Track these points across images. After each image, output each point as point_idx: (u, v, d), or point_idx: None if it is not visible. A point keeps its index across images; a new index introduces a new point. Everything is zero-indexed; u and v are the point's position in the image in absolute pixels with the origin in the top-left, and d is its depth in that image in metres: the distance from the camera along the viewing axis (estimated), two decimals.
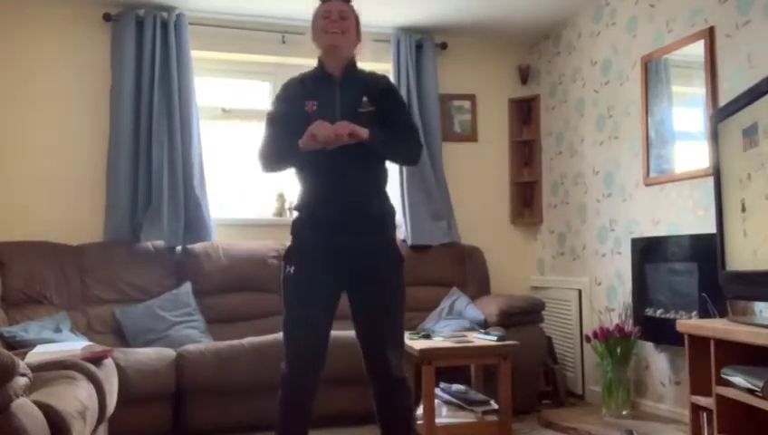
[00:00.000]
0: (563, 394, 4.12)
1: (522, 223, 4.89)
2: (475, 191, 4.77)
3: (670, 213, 3.52)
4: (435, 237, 4.45)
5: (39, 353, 2.55)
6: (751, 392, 2.26)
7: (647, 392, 3.66)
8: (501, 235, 4.83)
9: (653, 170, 3.67)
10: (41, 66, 4.05)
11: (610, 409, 3.54)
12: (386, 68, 4.60)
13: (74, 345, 2.72)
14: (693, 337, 2.69)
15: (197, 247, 4.05)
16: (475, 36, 4.78)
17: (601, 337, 3.57)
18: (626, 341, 3.53)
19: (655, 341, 3.53)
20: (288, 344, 2.26)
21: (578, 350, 4.24)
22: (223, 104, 4.48)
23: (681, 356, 3.15)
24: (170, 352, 3.38)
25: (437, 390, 3.43)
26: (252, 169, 4.47)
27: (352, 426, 3.41)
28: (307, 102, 2.30)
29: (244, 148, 4.49)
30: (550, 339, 4.27)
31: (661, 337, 3.42)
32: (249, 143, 4.50)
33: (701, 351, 2.61)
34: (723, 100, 3.09)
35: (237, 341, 3.48)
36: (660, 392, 3.56)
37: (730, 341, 2.41)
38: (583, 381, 4.20)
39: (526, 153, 4.88)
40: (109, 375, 2.60)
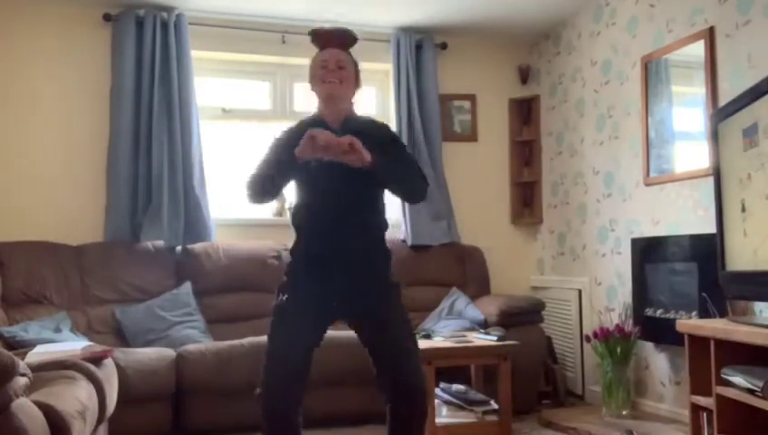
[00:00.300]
0: (563, 394, 4.12)
1: (522, 223, 4.89)
2: (475, 191, 4.77)
3: (670, 213, 3.52)
4: (435, 237, 4.44)
5: (39, 353, 2.55)
6: (751, 392, 2.26)
7: (647, 392, 3.66)
8: (501, 235, 4.83)
9: (653, 170, 3.67)
10: (41, 66, 4.05)
11: (610, 409, 3.54)
12: (386, 68, 4.61)
13: (74, 345, 2.72)
14: (693, 337, 2.69)
15: (197, 247, 4.05)
16: (475, 36, 4.78)
17: (601, 337, 3.57)
18: (626, 341, 3.53)
19: (655, 341, 3.53)
20: (268, 369, 2.11)
21: (578, 350, 4.24)
22: (223, 104, 4.48)
23: (681, 356, 3.15)
24: (170, 352, 3.38)
25: (437, 390, 3.44)
26: (252, 169, 4.48)
27: (352, 426, 3.41)
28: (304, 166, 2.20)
29: (244, 148, 4.49)
30: (550, 339, 4.28)
31: (661, 337, 3.42)
32: (249, 143, 4.51)
33: (701, 351, 2.61)
34: (723, 100, 3.09)
35: (237, 341, 3.48)
36: (660, 392, 3.56)
37: (730, 341, 2.41)
38: (583, 381, 4.20)
39: (526, 153, 4.88)
40: (109, 375, 2.60)
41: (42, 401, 1.85)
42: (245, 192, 2.29)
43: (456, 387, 3.48)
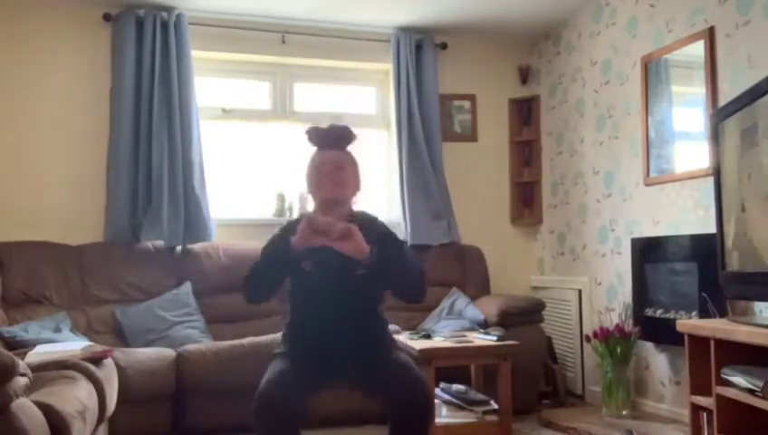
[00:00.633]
0: (563, 394, 4.11)
1: (522, 223, 4.89)
2: (475, 191, 4.77)
3: (670, 213, 3.52)
4: (434, 237, 4.44)
5: (39, 353, 2.55)
6: (751, 392, 2.26)
7: (647, 392, 3.66)
8: (501, 235, 4.83)
9: (653, 170, 3.66)
10: (41, 66, 4.05)
11: (610, 409, 3.54)
12: (386, 68, 4.61)
13: (74, 345, 2.73)
14: (693, 337, 2.69)
15: (197, 247, 4.05)
16: (475, 36, 4.78)
17: (601, 337, 3.57)
18: (626, 341, 3.53)
19: (655, 341, 3.53)
20: (265, 393, 2.04)
21: (578, 350, 4.24)
22: (223, 104, 4.48)
23: (681, 356, 3.15)
24: (170, 352, 3.38)
25: (437, 390, 3.43)
26: (251, 169, 4.49)
27: (352, 426, 3.41)
28: (300, 264, 2.18)
29: (244, 148, 4.50)
30: (550, 339, 4.28)
31: (661, 337, 3.42)
32: (249, 143, 4.51)
33: (701, 351, 2.60)
34: (723, 100, 3.09)
35: (237, 341, 3.48)
36: (660, 392, 3.56)
37: (730, 341, 2.41)
38: (583, 381, 4.20)
39: (526, 153, 4.88)
40: (109, 375, 2.60)
41: (42, 401, 1.85)
42: (243, 290, 2.25)
43: (456, 387, 3.48)
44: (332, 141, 2.28)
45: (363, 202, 2.44)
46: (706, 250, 2.96)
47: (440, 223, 4.48)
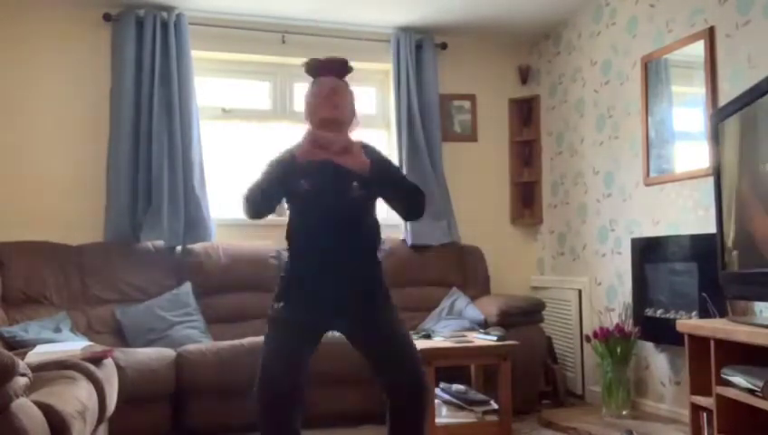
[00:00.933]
0: (563, 394, 4.11)
1: (522, 223, 4.89)
2: (475, 191, 4.77)
3: (670, 213, 3.52)
4: (435, 237, 4.44)
5: (39, 353, 2.55)
6: (751, 392, 2.26)
7: (647, 392, 3.66)
8: (501, 235, 4.83)
9: (653, 170, 3.66)
10: (41, 66, 4.05)
11: (610, 409, 3.54)
12: (386, 68, 4.60)
13: (74, 345, 2.72)
14: (693, 337, 2.69)
15: (197, 247, 4.05)
16: (475, 36, 4.78)
17: (601, 337, 3.57)
18: (626, 341, 3.53)
19: (655, 341, 3.53)
20: (264, 368, 2.12)
21: (578, 350, 4.24)
22: (223, 104, 4.48)
23: (681, 356, 3.15)
24: (170, 352, 3.38)
25: (437, 390, 3.43)
26: (252, 169, 4.48)
27: (352, 426, 3.41)
28: (301, 181, 2.24)
29: (244, 148, 4.49)
30: (550, 339, 4.27)
31: (661, 337, 3.42)
32: (249, 143, 4.51)
33: (701, 351, 2.60)
34: (723, 100, 3.09)
35: (237, 341, 3.48)
36: (660, 392, 3.56)
37: (730, 341, 2.41)
38: (583, 381, 4.20)
39: (526, 153, 4.88)
40: (109, 375, 2.60)
41: (42, 401, 1.85)
42: (243, 207, 2.32)
43: (456, 387, 3.48)
44: (330, 70, 2.35)
45: None
46: (706, 250, 2.96)
47: (440, 223, 4.48)
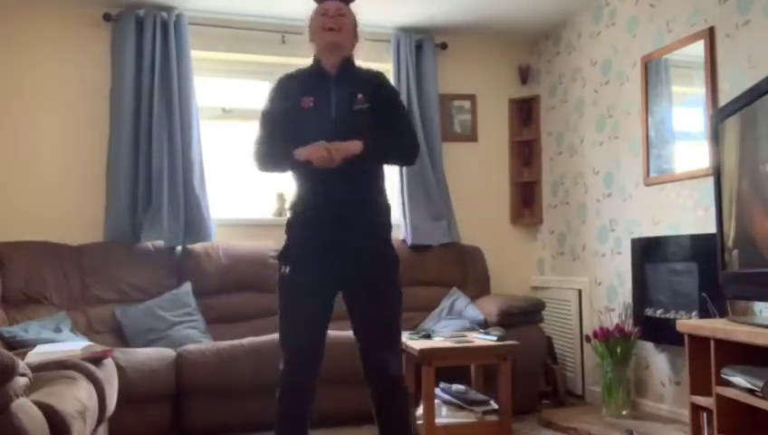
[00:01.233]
0: (563, 394, 4.11)
1: (522, 223, 4.89)
2: (475, 191, 4.77)
3: (670, 213, 3.52)
4: (435, 237, 4.44)
5: (39, 353, 2.55)
6: (751, 392, 2.26)
7: (647, 392, 3.66)
8: (501, 235, 4.83)
9: (653, 170, 3.66)
10: (41, 66, 4.05)
11: (610, 409, 3.54)
12: (386, 68, 4.59)
13: (74, 345, 2.73)
14: (693, 337, 2.69)
15: (197, 247, 4.05)
16: (475, 36, 4.78)
17: (601, 337, 3.57)
18: (626, 341, 3.53)
19: (655, 341, 3.53)
20: (285, 345, 2.27)
21: (578, 350, 4.24)
22: (223, 104, 4.48)
23: (681, 356, 3.15)
24: (170, 352, 3.38)
25: (437, 390, 3.43)
26: (251, 170, 4.48)
27: (352, 426, 3.41)
28: (303, 99, 2.31)
29: (244, 148, 4.49)
30: (550, 339, 4.27)
31: (661, 337, 3.42)
32: (249, 143, 4.50)
33: (701, 351, 2.60)
34: (723, 100, 3.09)
35: (237, 341, 3.48)
36: (660, 392, 3.56)
37: (730, 341, 2.41)
38: (583, 381, 4.20)
39: (526, 153, 4.88)
40: (109, 375, 2.61)
41: (42, 401, 1.85)
42: (253, 163, 2.42)
43: (456, 387, 3.47)
44: None
45: None
46: (706, 250, 2.96)
47: (440, 223, 4.48)
